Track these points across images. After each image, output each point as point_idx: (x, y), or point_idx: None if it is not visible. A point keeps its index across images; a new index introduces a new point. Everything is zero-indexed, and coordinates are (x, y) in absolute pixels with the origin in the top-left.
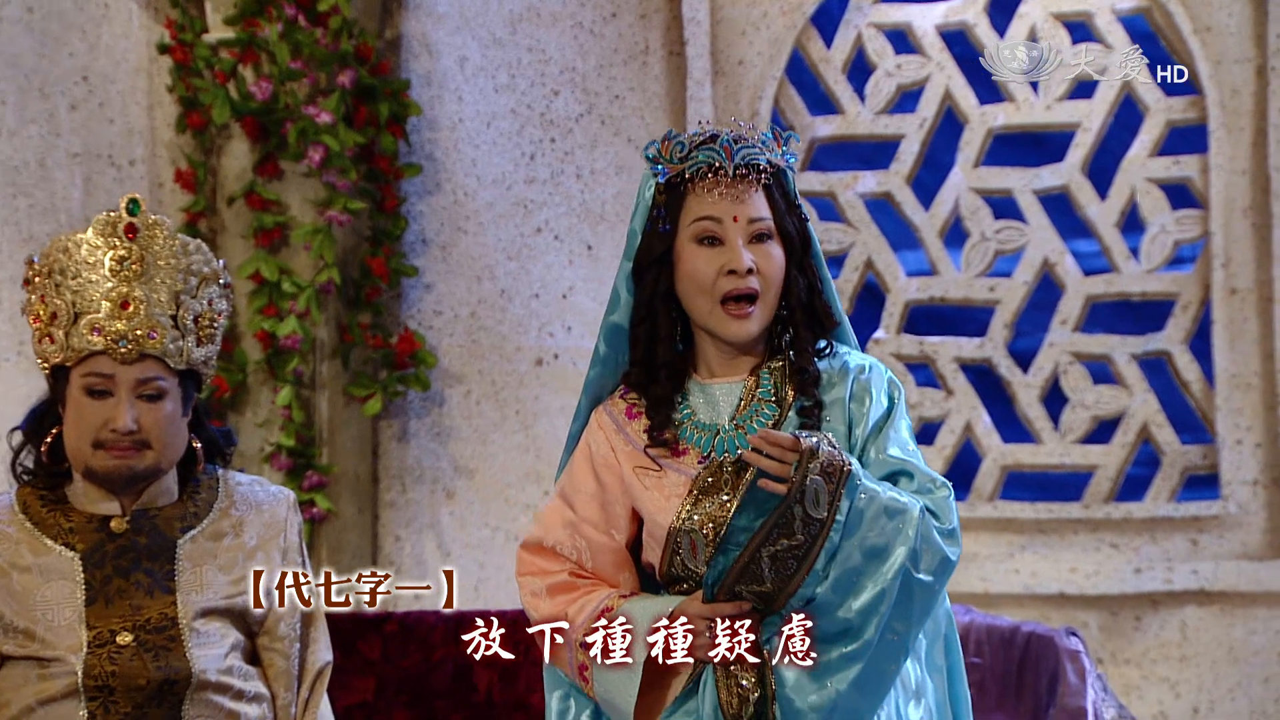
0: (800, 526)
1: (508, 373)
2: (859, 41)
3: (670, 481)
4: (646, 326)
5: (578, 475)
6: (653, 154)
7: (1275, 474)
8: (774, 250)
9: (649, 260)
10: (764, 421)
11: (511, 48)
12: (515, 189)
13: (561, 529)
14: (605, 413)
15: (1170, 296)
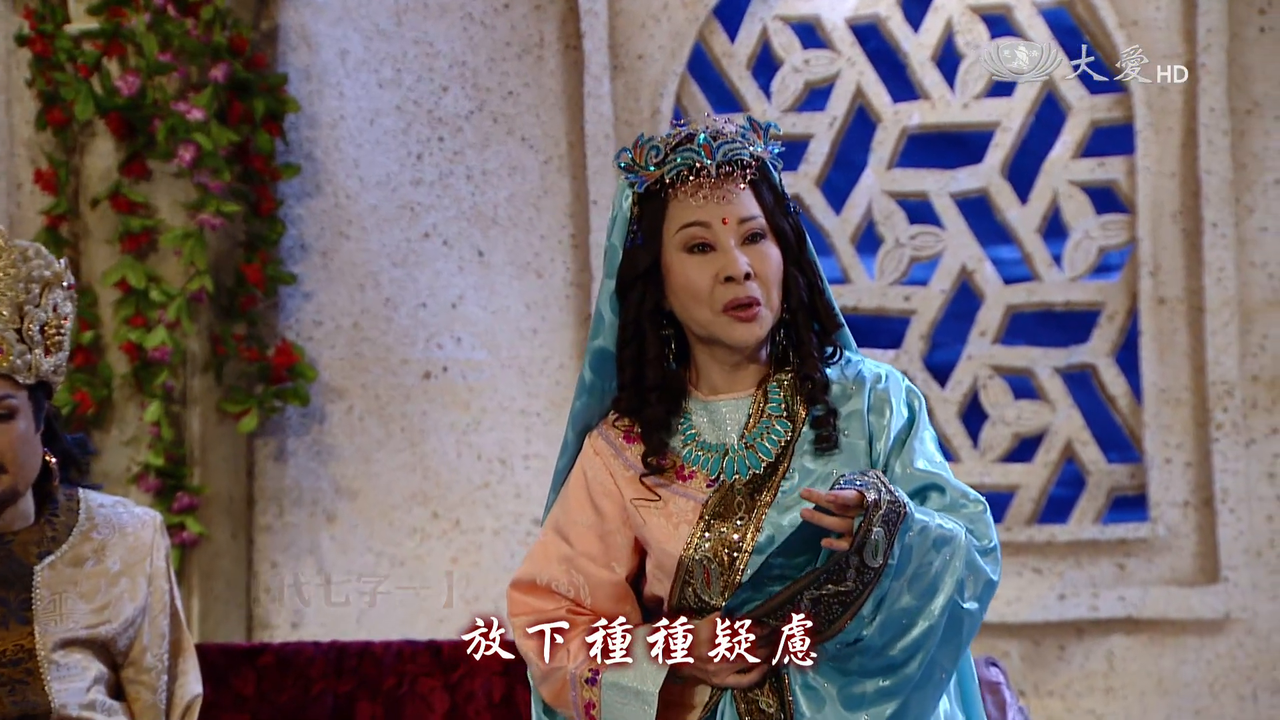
0: (854, 575)
1: (393, 387)
2: (765, 35)
3: (678, 508)
4: (634, 348)
5: (573, 506)
6: (626, 162)
7: (1206, 495)
8: (770, 250)
9: (633, 276)
10: (776, 440)
11: (397, 40)
12: (401, 191)
13: (556, 564)
14: (601, 437)
15: (1095, 306)
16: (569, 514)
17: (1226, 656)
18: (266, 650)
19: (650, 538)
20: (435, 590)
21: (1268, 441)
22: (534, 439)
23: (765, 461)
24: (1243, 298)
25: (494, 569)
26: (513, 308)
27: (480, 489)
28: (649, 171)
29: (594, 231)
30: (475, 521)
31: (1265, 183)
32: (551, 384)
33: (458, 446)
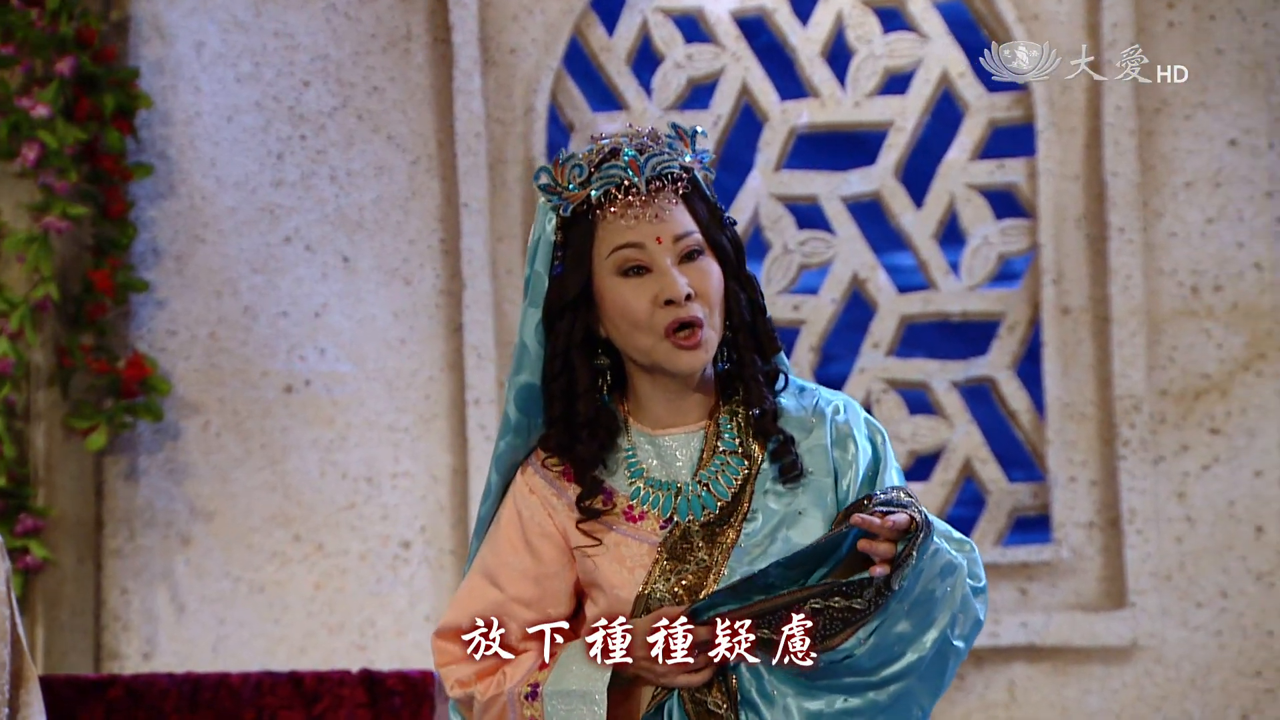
0: (871, 594)
1: (252, 401)
2: (645, 29)
3: (630, 551)
4: (563, 380)
5: (504, 548)
6: (546, 182)
7: (1112, 515)
8: (709, 266)
9: (561, 305)
10: (731, 478)
11: (256, 32)
12: (261, 192)
13: (486, 612)
14: (537, 474)
15: (995, 316)
16: (500, 556)
17: (1134, 686)
18: (116, 682)
19: (602, 582)
20: (296, 618)
21: (1177, 459)
22: (402, 456)
23: (721, 502)
24: (1150, 307)
25: (359, 594)
26: (380, 317)
27: (345, 510)
28: (572, 192)
29: (465, 236)
30: (340, 544)
31: (1174, 185)
32: (421, 398)
33: (321, 465)
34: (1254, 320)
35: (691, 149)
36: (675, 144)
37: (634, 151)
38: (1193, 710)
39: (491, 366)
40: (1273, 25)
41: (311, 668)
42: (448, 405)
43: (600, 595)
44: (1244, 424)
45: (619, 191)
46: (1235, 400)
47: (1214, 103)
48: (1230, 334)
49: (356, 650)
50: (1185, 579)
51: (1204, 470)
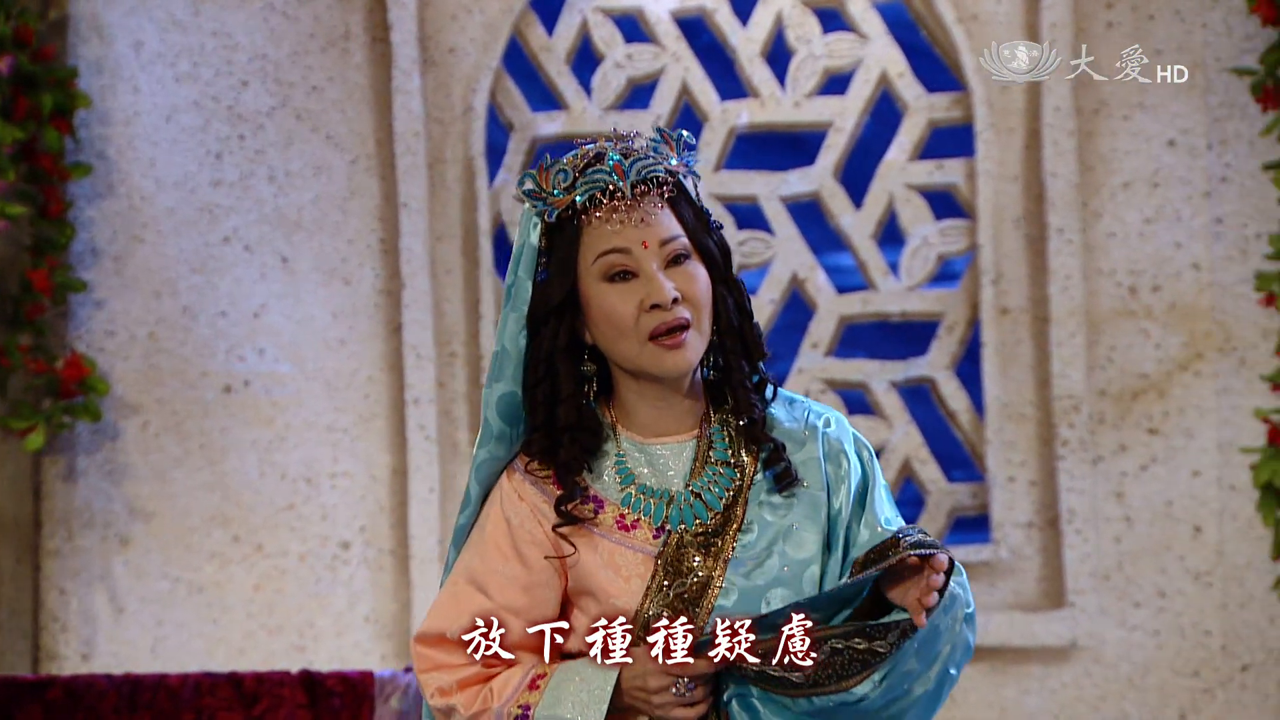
0: (897, 637)
1: (191, 402)
2: (585, 29)
3: (625, 560)
4: (546, 386)
5: (492, 555)
6: (530, 188)
7: (1051, 515)
8: (696, 270)
9: (545, 311)
10: (722, 490)
11: (194, 32)
12: (200, 192)
13: (471, 618)
14: (526, 481)
15: (934, 317)
16: (487, 563)
17: (1072, 686)
18: (54, 684)
19: (596, 590)
20: (235, 618)
21: (1115, 459)
22: (342, 457)
23: (713, 513)
24: (1089, 307)
25: (299, 595)
26: (319, 317)
27: (285, 510)
28: (557, 198)
29: (404, 235)
30: (279, 545)
31: (1113, 186)
32: (360, 398)
33: (260, 465)
34: (1192, 320)
35: (677, 153)
36: (661, 148)
37: (619, 156)
38: (1130, 710)
39: (431, 366)
40: (1211, 26)
41: (251, 668)
42: (387, 405)
43: (592, 604)
44: (1182, 424)
45: (604, 196)
46: (1173, 400)
47: (1152, 103)
48: (1168, 334)
49: (296, 651)
50: (1123, 579)
51: (1142, 470)
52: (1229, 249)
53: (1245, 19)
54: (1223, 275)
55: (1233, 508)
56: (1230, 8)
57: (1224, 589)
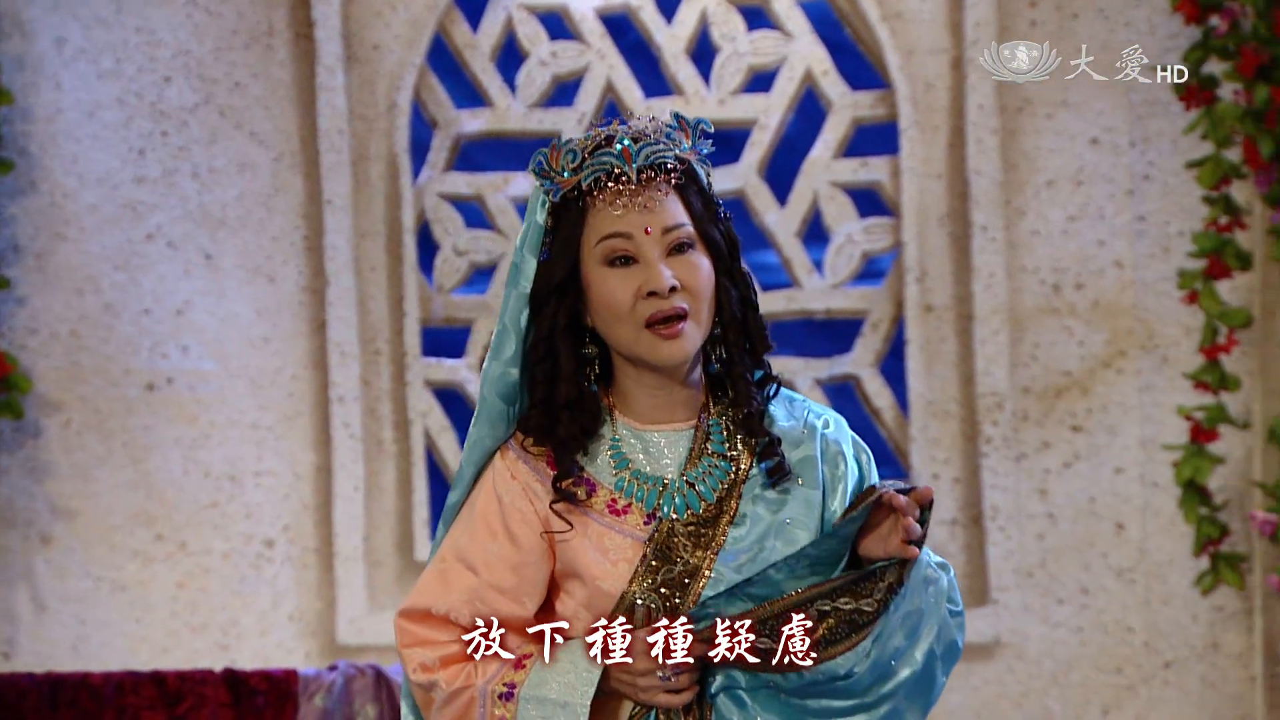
0: (883, 593)
1: (114, 399)
2: (509, 26)
3: (614, 544)
4: (547, 365)
5: (481, 533)
6: (540, 167)
7: (975, 512)
8: (699, 260)
9: (547, 290)
10: (716, 482)
11: (117, 28)
12: (123, 189)
13: (459, 595)
14: (520, 460)
15: (859, 314)
16: (477, 541)
17: (995, 682)
18: None
19: (583, 572)
20: (159, 617)
21: (1039, 456)
22: (266, 455)
23: (706, 504)
24: (1013, 305)
25: (222, 594)
26: (243, 314)
27: (208, 508)
28: (564, 178)
29: (328, 233)
30: (203, 543)
31: (1037, 184)
32: (284, 395)
33: (184, 463)
34: (1115, 318)
35: (692, 141)
36: (674, 134)
37: (629, 140)
38: (1054, 706)
39: (355, 364)
40: (1134, 24)
41: (174, 667)
42: (311, 403)
43: (578, 586)
44: (1105, 421)
45: (609, 179)
46: (1096, 397)
47: (1075, 101)
48: (1091, 332)
49: (219, 649)
50: (1047, 576)
51: (1065, 467)
52: (1152, 247)
53: (1168, 18)
54: (1145, 273)
55: (1155, 505)
56: (1153, 7)
57: (1146, 586)
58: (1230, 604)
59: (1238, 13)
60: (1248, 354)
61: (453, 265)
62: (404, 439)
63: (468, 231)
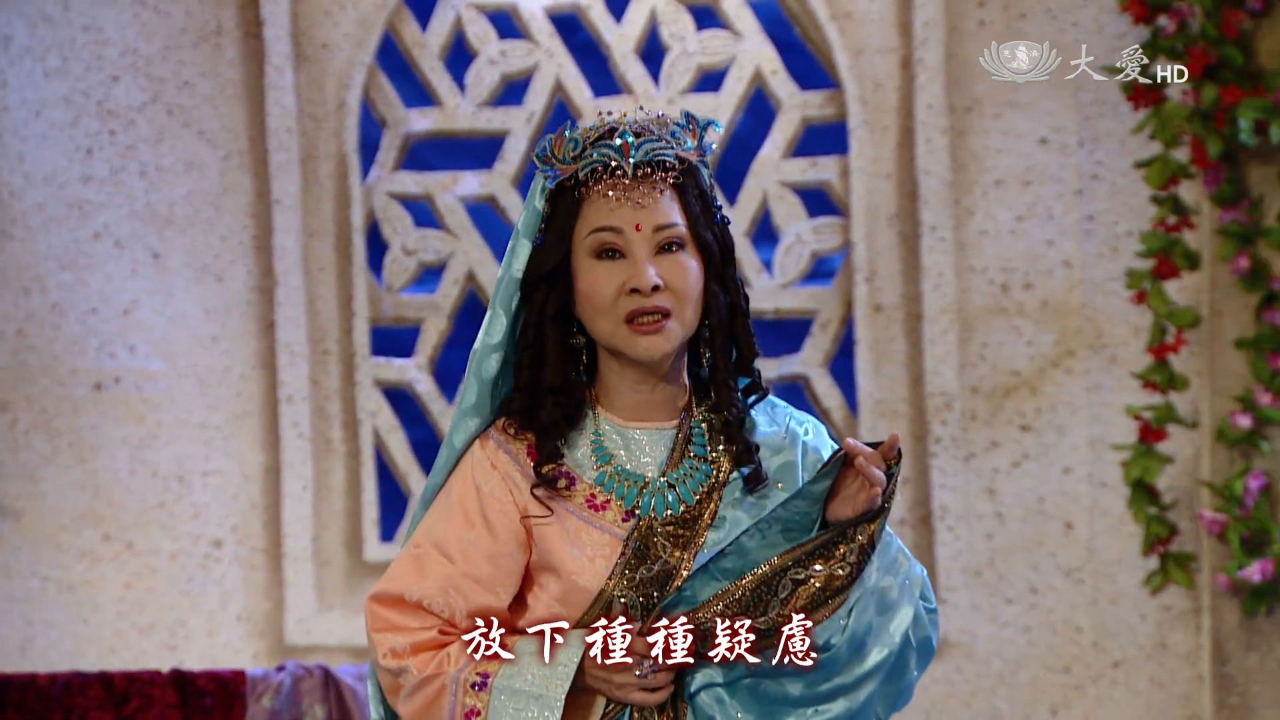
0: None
1: (61, 399)
2: (459, 25)
3: (592, 539)
4: (533, 351)
5: (458, 522)
6: (543, 153)
7: (924, 512)
8: (687, 261)
9: (538, 277)
10: (697, 485)
11: (64, 27)
12: (70, 188)
13: (433, 582)
14: (500, 449)
15: (808, 314)
16: (454, 529)
17: (944, 682)
18: None
19: (559, 566)
20: (106, 617)
21: (987, 456)
22: (214, 454)
23: (685, 506)
24: (962, 305)
25: (170, 594)
26: (191, 314)
27: (156, 508)
28: (564, 165)
29: (277, 232)
30: (150, 543)
31: (986, 184)
32: (233, 395)
33: (131, 463)
34: (1063, 318)
35: (698, 141)
36: (679, 132)
37: (631, 134)
38: (1002, 706)
39: (304, 364)
40: (1082, 24)
41: (121, 668)
42: (260, 403)
43: (553, 580)
44: (1053, 421)
45: (606, 172)
46: (1045, 397)
47: (1024, 101)
48: (1040, 331)
49: (167, 650)
50: (995, 575)
51: (1014, 467)
52: (1100, 246)
53: (1116, 17)
54: (1094, 272)
55: (1104, 504)
56: (1101, 6)
57: (1095, 585)
58: (1179, 603)
59: (1186, 13)
60: (1196, 354)
61: (402, 265)
62: (353, 439)
63: (417, 231)
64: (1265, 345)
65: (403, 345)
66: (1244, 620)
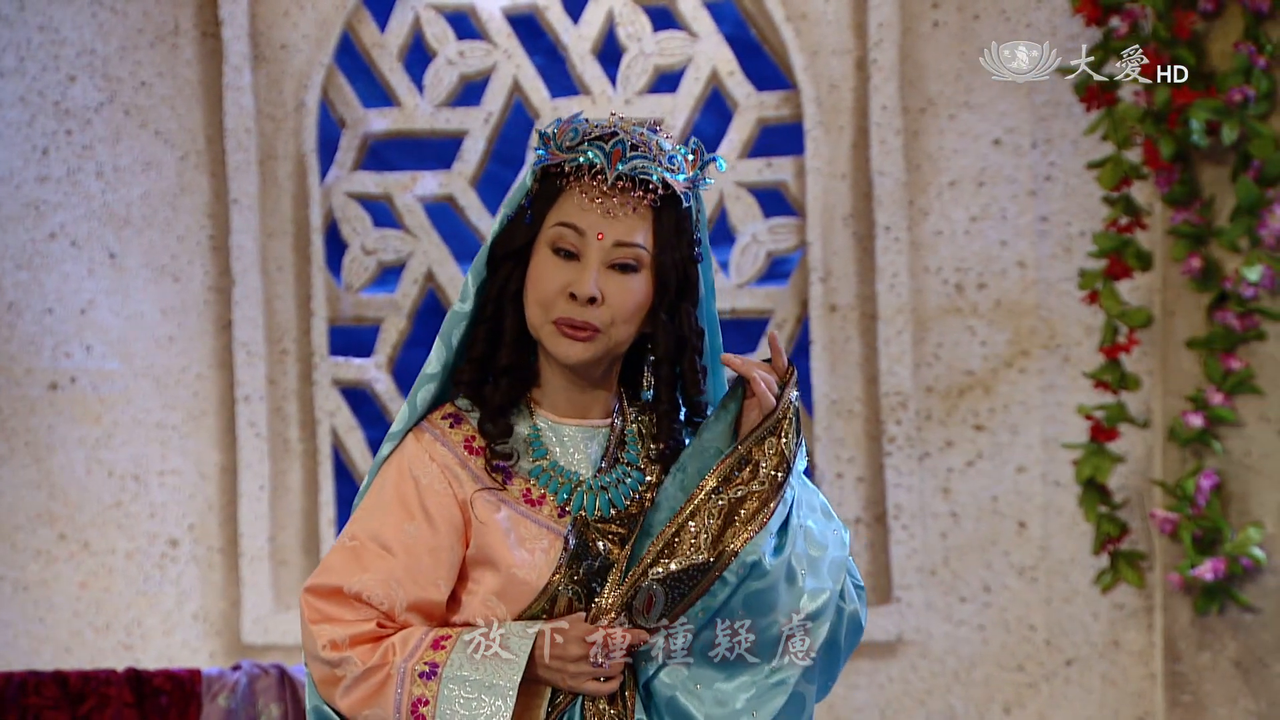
0: (770, 463)
1: (17, 399)
2: (417, 25)
3: (530, 533)
4: (490, 325)
5: (397, 514)
6: (548, 131)
7: (879, 511)
8: (634, 285)
9: (505, 252)
10: (629, 491)
11: (20, 26)
12: (26, 188)
13: (371, 575)
14: (438, 442)
15: (764, 314)
16: (391, 522)
17: (899, 680)
18: None
19: (498, 559)
20: (62, 617)
21: (942, 455)
22: (170, 454)
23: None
24: (916, 305)
25: (126, 593)
26: (148, 314)
27: (112, 508)
28: (557, 152)
29: (235, 232)
30: (106, 543)
31: (940, 184)
32: (190, 395)
33: (88, 462)
34: (1017, 317)
35: (694, 172)
36: (678, 158)
37: (625, 144)
38: (956, 704)
39: (261, 364)
40: (1035, 26)
41: (77, 667)
42: (216, 402)
43: (490, 575)
44: (1007, 420)
45: (588, 172)
46: (999, 397)
47: (978, 103)
48: (994, 331)
49: (123, 649)
50: (950, 574)
51: (968, 466)
52: (1054, 247)
53: (1069, 19)
54: (1047, 273)
55: (1057, 503)
56: (1054, 8)
57: (1048, 584)
58: (1131, 602)
59: (1138, 14)
60: (1148, 353)
61: (361, 264)
62: (310, 438)
63: (376, 230)
64: (1217, 345)
65: (362, 345)
66: (1196, 619)
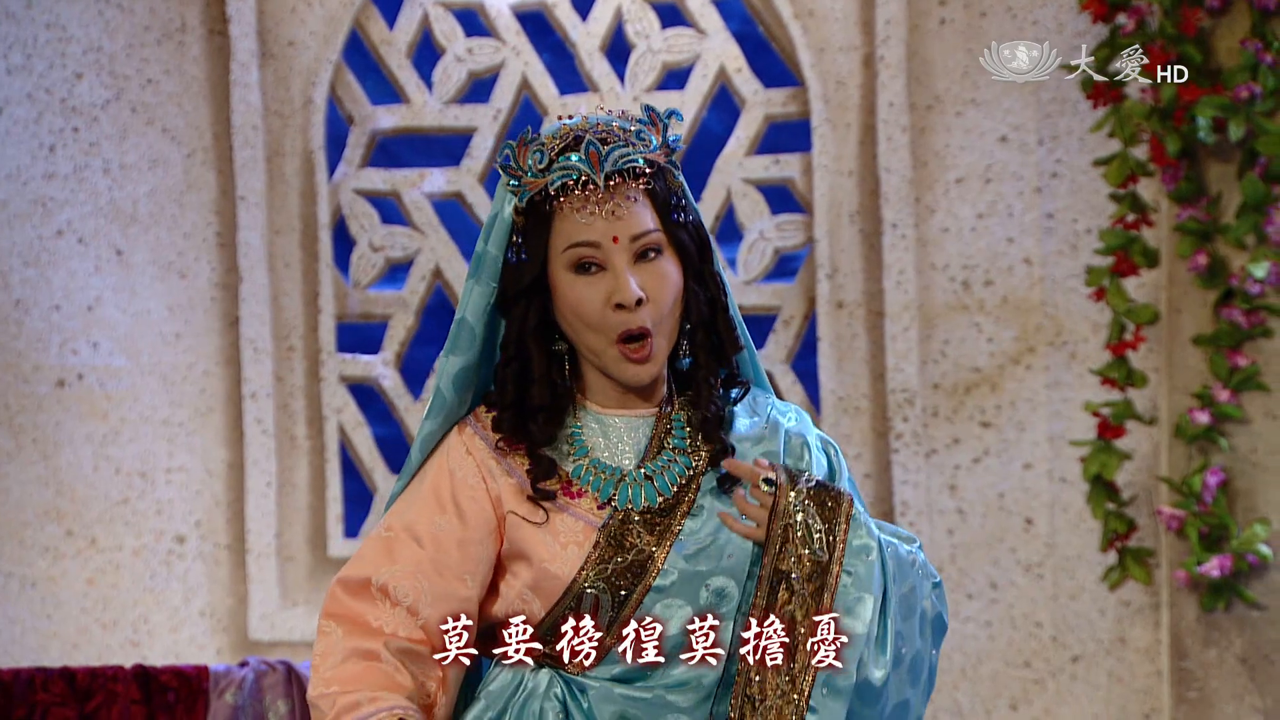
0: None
1: (24, 395)
2: (425, 22)
3: (565, 526)
4: (517, 366)
5: (431, 506)
6: (507, 162)
7: (886, 507)
8: (666, 267)
9: (515, 291)
10: (675, 477)
11: (27, 23)
12: (33, 185)
13: (401, 567)
14: (477, 436)
15: (771, 311)
16: (425, 513)
17: None
18: None
19: (531, 554)
20: (69, 613)
21: (949, 452)
22: (177, 451)
23: (663, 497)
24: (923, 301)
25: (134, 590)
26: (154, 310)
27: (119, 505)
28: (531, 179)
29: (242, 229)
30: (114, 540)
31: (947, 181)
32: (196, 392)
33: (95, 459)
34: (1023, 314)
35: (663, 136)
36: (645, 131)
37: (597, 142)
38: (963, 700)
39: (268, 360)
40: (1042, 23)
41: (84, 664)
42: (223, 399)
43: (525, 568)
44: (1014, 417)
45: (576, 185)
46: (1005, 393)
47: (985, 99)
48: (1000, 328)
49: (130, 646)
50: (956, 570)
51: (975, 463)
52: (1060, 244)
53: (1075, 16)
54: (1054, 270)
55: (1063, 500)
56: (1061, 4)
57: (1055, 580)
58: (1137, 599)
59: (1144, 11)
60: (1154, 350)
61: (369, 261)
62: (318, 435)
63: (384, 227)
64: (1223, 342)
65: (369, 341)
66: (1202, 615)
